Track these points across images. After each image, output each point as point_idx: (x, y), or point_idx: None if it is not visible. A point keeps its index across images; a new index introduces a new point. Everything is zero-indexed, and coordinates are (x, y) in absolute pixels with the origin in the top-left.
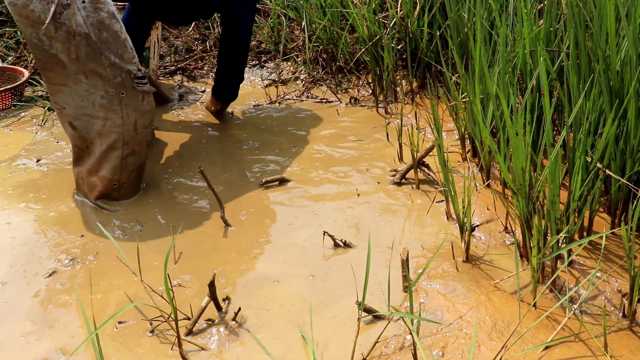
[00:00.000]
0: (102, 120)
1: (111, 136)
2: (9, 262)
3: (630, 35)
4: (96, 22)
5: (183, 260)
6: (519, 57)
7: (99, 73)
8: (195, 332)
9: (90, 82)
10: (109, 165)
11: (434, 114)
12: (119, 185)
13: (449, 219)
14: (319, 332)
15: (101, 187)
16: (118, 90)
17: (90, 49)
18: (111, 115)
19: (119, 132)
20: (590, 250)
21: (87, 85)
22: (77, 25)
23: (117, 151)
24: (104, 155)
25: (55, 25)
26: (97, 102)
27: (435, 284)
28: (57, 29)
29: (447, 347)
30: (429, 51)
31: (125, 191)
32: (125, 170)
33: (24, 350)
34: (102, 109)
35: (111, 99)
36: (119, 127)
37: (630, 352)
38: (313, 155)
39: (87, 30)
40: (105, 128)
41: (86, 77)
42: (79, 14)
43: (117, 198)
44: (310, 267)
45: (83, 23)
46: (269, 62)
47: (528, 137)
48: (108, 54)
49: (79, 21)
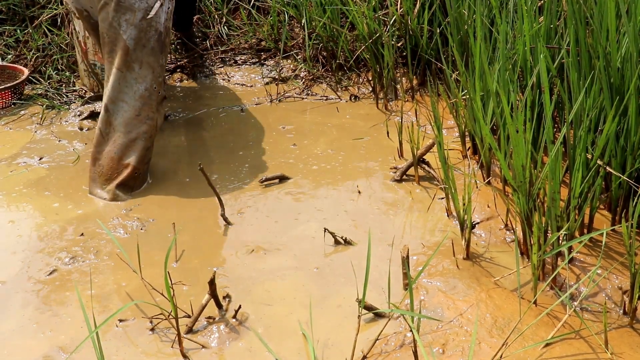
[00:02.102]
0: (136, 110)
1: (142, 127)
2: (10, 260)
3: (630, 32)
4: (168, 27)
5: (183, 258)
6: (519, 54)
7: (152, 67)
8: (195, 330)
9: (142, 72)
10: (136, 153)
11: (434, 111)
12: (138, 174)
13: (450, 216)
14: (320, 330)
15: (126, 173)
16: (159, 87)
17: (158, 45)
18: (147, 108)
19: (150, 124)
20: (591, 247)
21: (137, 74)
22: (160, 23)
23: (144, 142)
24: (131, 144)
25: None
26: (139, 92)
27: (435, 281)
28: (143, 18)
29: (447, 344)
30: (429, 48)
31: (139, 181)
32: (144, 160)
33: (24, 348)
34: (141, 99)
35: (152, 93)
36: (151, 120)
37: (630, 349)
38: (313, 153)
39: (162, 29)
40: (140, 118)
41: (140, 67)
42: (164, 14)
43: (133, 187)
44: (311, 264)
45: (163, 22)
46: (269, 59)
47: (528, 134)
48: (164, 55)
49: (162, 20)
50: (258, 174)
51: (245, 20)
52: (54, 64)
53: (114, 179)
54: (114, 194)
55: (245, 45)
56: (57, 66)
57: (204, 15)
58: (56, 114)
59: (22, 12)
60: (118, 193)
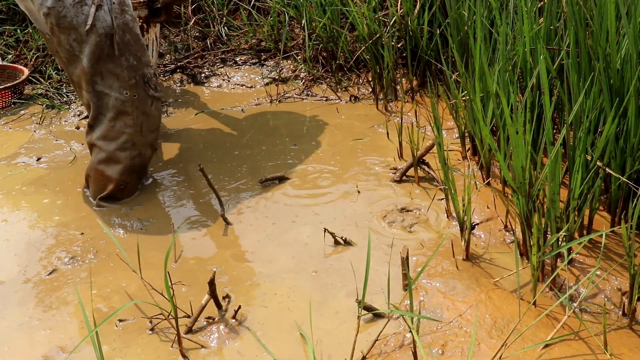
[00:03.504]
0: (111, 122)
1: (121, 137)
2: (10, 260)
3: (630, 33)
4: (122, 24)
5: (183, 259)
6: (519, 56)
7: (116, 74)
8: (195, 330)
9: (106, 82)
10: (119, 165)
11: (434, 112)
12: (124, 185)
13: (449, 217)
14: (319, 330)
15: (112, 187)
16: (132, 92)
17: (112, 49)
18: (123, 117)
19: (129, 133)
20: (590, 248)
21: (102, 87)
22: (105, 26)
23: (126, 152)
24: (112, 156)
25: (88, 29)
26: (110, 103)
27: (435, 282)
28: (89, 32)
29: (446, 345)
30: (429, 49)
31: (128, 191)
32: (131, 171)
33: (24, 348)
34: (113, 109)
35: (124, 101)
36: (130, 128)
37: (629, 350)
38: (313, 153)
39: (113, 31)
40: (115, 129)
41: (102, 79)
42: (107, 14)
43: (120, 198)
44: (311, 264)
45: (111, 24)
46: (269, 60)
47: (528, 135)
48: (128, 56)
49: (108, 22)
50: (257, 174)
51: (246, 20)
52: (54, 64)
53: (101, 192)
54: (99, 205)
55: (245, 46)
56: (57, 66)
57: (204, 15)
58: (56, 113)
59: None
60: (103, 204)
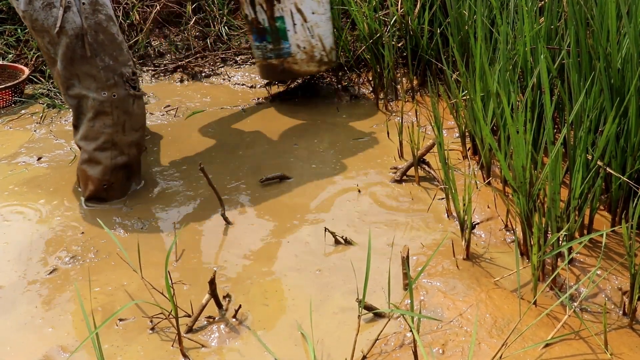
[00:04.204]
0: (90, 122)
1: (101, 137)
2: (10, 259)
3: (631, 32)
4: (94, 24)
5: (184, 258)
6: (520, 55)
7: (92, 75)
8: (195, 330)
9: (84, 84)
10: (100, 165)
11: (434, 112)
12: (108, 185)
13: (450, 217)
14: (320, 329)
15: (92, 187)
16: (110, 92)
17: (85, 50)
18: (101, 117)
19: (109, 132)
20: (591, 248)
21: (80, 89)
22: (75, 28)
23: (107, 152)
24: (93, 156)
25: (57, 31)
26: (89, 104)
27: (435, 281)
28: (59, 34)
29: (447, 344)
30: (429, 49)
31: (114, 192)
32: (115, 170)
33: (24, 348)
34: (92, 110)
35: (103, 101)
36: (110, 128)
37: (630, 349)
38: (313, 153)
39: (84, 32)
40: (94, 130)
41: (79, 81)
42: (77, 16)
43: (106, 198)
44: (311, 264)
45: (81, 25)
46: None
47: (528, 135)
48: (103, 56)
49: (78, 23)
50: (258, 173)
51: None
52: None
53: (84, 192)
54: (87, 206)
55: (245, 45)
56: None
57: (204, 15)
58: (57, 113)
59: None
60: (91, 205)
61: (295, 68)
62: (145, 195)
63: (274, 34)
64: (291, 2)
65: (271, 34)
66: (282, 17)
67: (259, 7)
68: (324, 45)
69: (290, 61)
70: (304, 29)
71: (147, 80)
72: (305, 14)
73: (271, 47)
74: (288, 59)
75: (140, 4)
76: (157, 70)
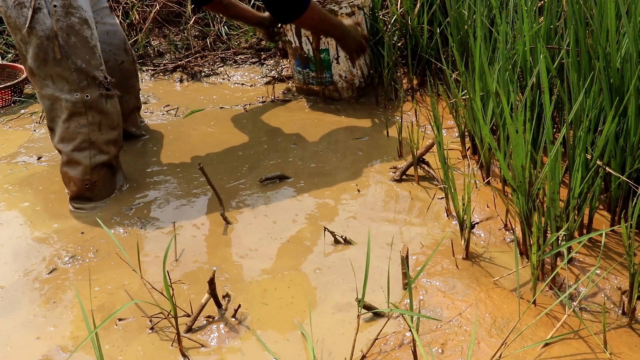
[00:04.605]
0: (65, 123)
1: (77, 137)
2: (10, 259)
3: (630, 32)
4: (65, 26)
5: (183, 257)
6: (519, 55)
7: (65, 77)
8: (195, 329)
9: (57, 86)
10: (80, 166)
11: (434, 111)
12: (91, 184)
13: (449, 216)
14: (319, 329)
15: (75, 188)
16: (83, 93)
17: (56, 52)
18: (76, 118)
19: (85, 132)
20: (590, 247)
21: (53, 90)
22: (45, 29)
23: (85, 152)
24: (71, 157)
25: (27, 31)
26: (63, 105)
27: (434, 281)
28: (29, 34)
29: (446, 344)
30: (429, 48)
31: (98, 190)
32: (95, 170)
33: (24, 348)
34: (66, 111)
35: (75, 102)
36: (85, 128)
37: (629, 349)
38: (312, 152)
39: (54, 34)
40: (70, 130)
41: (53, 82)
42: (48, 17)
43: (91, 198)
44: (310, 263)
45: (51, 27)
46: (269, 59)
47: (528, 134)
48: (74, 59)
49: (48, 25)
50: (257, 173)
51: None
52: None
53: (69, 194)
54: (74, 208)
55: (245, 45)
56: None
57: (204, 14)
58: None
59: None
60: (77, 206)
61: (335, 95)
62: (145, 194)
63: (318, 64)
64: None
65: (315, 64)
66: (327, 49)
67: (305, 38)
68: (363, 73)
69: (332, 89)
70: (346, 60)
71: (146, 79)
72: None
73: (313, 75)
74: (329, 87)
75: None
76: (157, 69)
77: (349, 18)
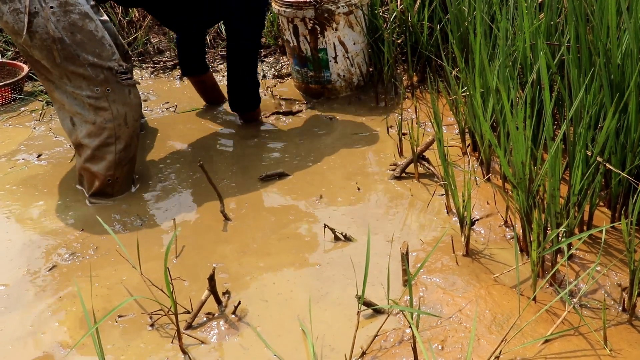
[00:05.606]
0: (91, 119)
1: (103, 133)
2: (10, 256)
3: (631, 28)
4: (68, 25)
5: (183, 254)
6: (520, 51)
7: (81, 74)
8: (195, 326)
9: (74, 84)
10: (104, 161)
11: (434, 108)
12: (113, 180)
13: (449, 213)
14: (319, 325)
15: (98, 184)
16: (103, 87)
17: (67, 52)
18: (101, 113)
19: (110, 127)
20: (590, 244)
21: (72, 87)
22: (46, 32)
23: (111, 147)
24: (97, 152)
25: (29, 35)
26: (85, 102)
27: (434, 277)
28: (32, 38)
29: (446, 340)
30: (429, 45)
31: (119, 186)
32: (120, 165)
33: (24, 344)
34: (90, 107)
35: (98, 97)
36: (110, 122)
37: (629, 345)
38: (312, 150)
39: (60, 34)
40: (96, 125)
41: (70, 80)
42: (46, 20)
43: (111, 194)
44: (310, 260)
45: (55, 28)
46: (269, 56)
47: (528, 131)
48: (85, 55)
49: (51, 27)
50: (257, 170)
51: None
52: None
53: (90, 188)
54: (92, 202)
55: None
56: None
57: None
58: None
59: None
60: (95, 201)
61: (334, 94)
62: (145, 191)
63: (316, 63)
64: (335, 35)
65: (313, 63)
66: (325, 49)
67: (303, 37)
68: (361, 71)
69: (330, 87)
70: (345, 59)
71: (146, 77)
72: (347, 46)
73: (312, 74)
74: (328, 86)
75: None
76: (157, 67)
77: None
